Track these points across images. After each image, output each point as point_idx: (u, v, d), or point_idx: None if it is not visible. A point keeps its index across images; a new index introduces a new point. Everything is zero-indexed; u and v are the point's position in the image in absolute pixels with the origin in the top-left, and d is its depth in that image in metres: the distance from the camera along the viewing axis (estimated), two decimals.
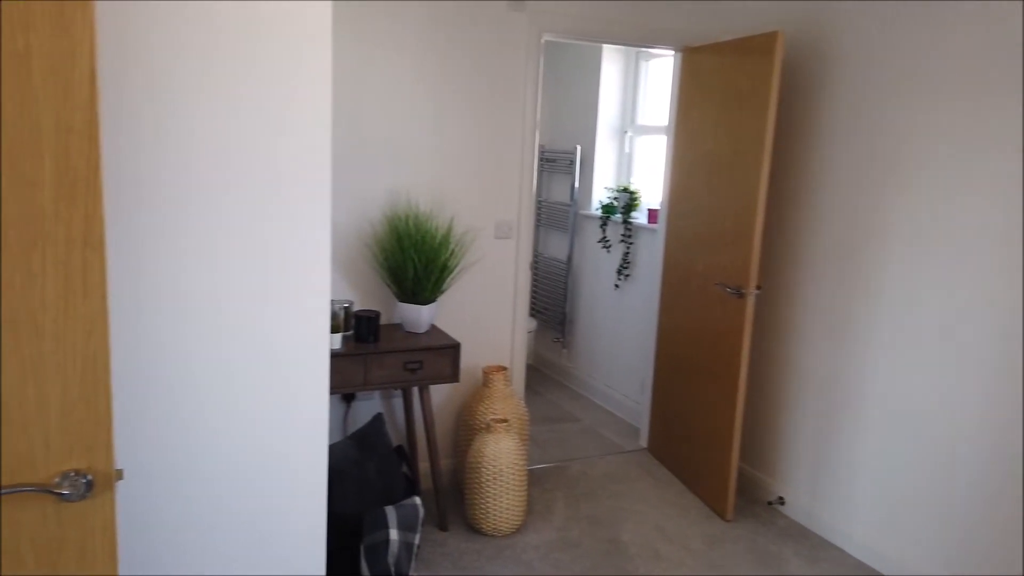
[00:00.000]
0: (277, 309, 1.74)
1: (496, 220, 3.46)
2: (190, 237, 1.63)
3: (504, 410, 3.32)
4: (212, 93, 1.60)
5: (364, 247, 3.21)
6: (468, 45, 3.25)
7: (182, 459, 1.71)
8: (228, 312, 1.69)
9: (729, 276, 3.33)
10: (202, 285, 1.66)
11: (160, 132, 1.57)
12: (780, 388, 3.51)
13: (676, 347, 3.76)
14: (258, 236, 1.70)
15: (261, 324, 1.73)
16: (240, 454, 1.77)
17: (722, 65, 3.38)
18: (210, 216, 1.64)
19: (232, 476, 1.77)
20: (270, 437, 1.80)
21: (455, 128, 3.29)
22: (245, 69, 1.62)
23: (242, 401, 1.75)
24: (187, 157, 1.60)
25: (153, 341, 1.64)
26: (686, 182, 3.67)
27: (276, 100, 1.66)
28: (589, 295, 4.87)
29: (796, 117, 3.39)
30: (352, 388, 2.90)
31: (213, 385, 1.71)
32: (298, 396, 1.81)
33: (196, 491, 1.74)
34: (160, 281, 1.62)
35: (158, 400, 1.67)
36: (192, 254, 1.64)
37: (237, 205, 1.66)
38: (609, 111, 4.67)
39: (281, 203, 1.70)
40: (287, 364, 1.78)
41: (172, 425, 1.69)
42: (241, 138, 1.64)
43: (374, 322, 2.98)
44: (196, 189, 1.62)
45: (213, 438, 1.74)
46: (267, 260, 1.71)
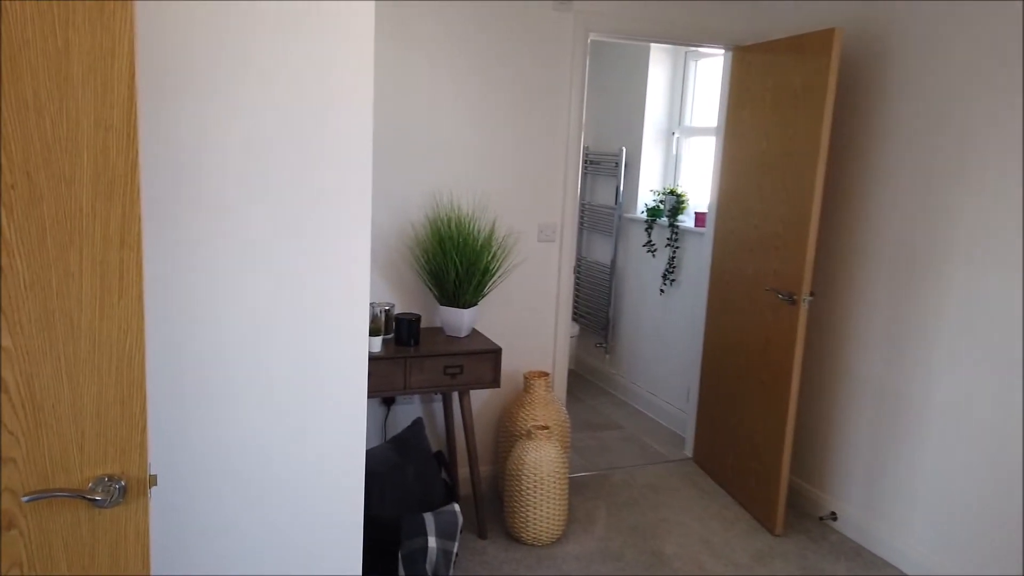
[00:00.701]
0: (316, 312, 1.71)
1: (539, 223, 3.40)
2: (228, 238, 1.61)
3: (545, 417, 3.25)
4: (252, 93, 1.58)
5: (405, 249, 3.19)
6: (512, 45, 3.20)
7: (217, 461, 1.69)
8: (266, 315, 1.67)
9: (781, 281, 3.21)
10: (240, 287, 1.64)
11: (200, 133, 1.56)
12: (833, 397, 3.37)
13: (724, 354, 3.65)
14: (298, 239, 1.67)
15: (299, 327, 1.70)
16: (277, 456, 1.74)
17: (775, 64, 3.27)
18: (249, 218, 1.62)
19: (268, 478, 1.74)
20: (307, 440, 1.76)
21: (498, 129, 3.25)
22: (286, 69, 1.60)
23: (279, 403, 1.72)
24: (226, 158, 1.58)
25: (189, 343, 1.62)
26: (736, 184, 3.56)
27: (316, 101, 1.63)
28: (633, 300, 4.77)
29: (852, 116, 3.25)
30: (391, 392, 2.87)
31: (250, 387, 1.69)
32: (336, 400, 1.77)
33: (232, 493, 1.72)
34: (197, 282, 1.60)
35: (193, 403, 1.65)
36: (230, 256, 1.62)
37: (277, 208, 1.64)
38: (656, 112, 4.57)
39: (321, 205, 1.67)
40: (325, 368, 1.75)
41: (208, 427, 1.67)
42: (281, 140, 1.62)
43: (414, 325, 2.94)
44: (235, 190, 1.60)
45: (250, 440, 1.71)
46: (306, 263, 1.68)
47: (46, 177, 1.14)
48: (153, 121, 1.52)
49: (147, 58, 1.50)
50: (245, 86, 1.57)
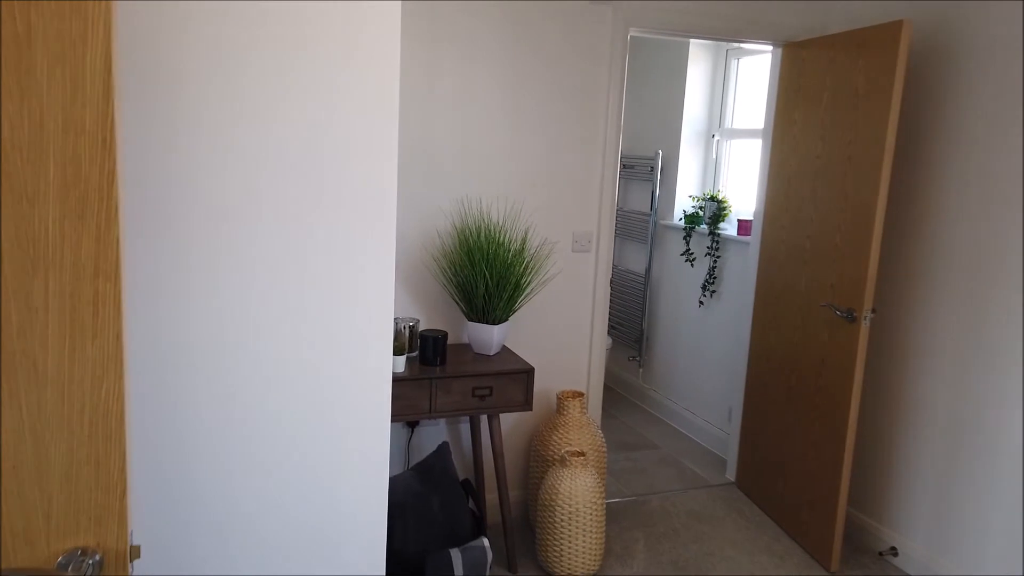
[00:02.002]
0: (332, 335, 1.50)
1: (574, 232, 3.18)
2: (231, 256, 1.40)
3: (580, 441, 3.02)
4: (264, 96, 1.37)
5: (431, 260, 2.97)
6: (547, 44, 2.98)
7: (224, 504, 1.49)
8: (274, 339, 1.46)
9: (838, 296, 2.95)
10: (245, 313, 1.43)
11: (198, 139, 1.35)
12: (894, 423, 3.10)
13: (771, 373, 3.39)
14: (314, 255, 1.46)
15: (312, 352, 1.49)
16: (292, 489, 1.54)
17: (832, 61, 3.01)
18: (255, 236, 1.41)
19: (283, 513, 1.53)
20: (325, 474, 1.55)
21: (531, 132, 3.02)
22: (303, 70, 1.39)
23: (294, 436, 1.51)
24: (232, 168, 1.38)
25: (187, 376, 1.41)
26: (786, 190, 3.30)
27: (337, 106, 1.42)
28: (669, 312, 4.52)
29: (915, 117, 2.99)
30: (416, 416, 2.65)
31: (258, 421, 1.48)
32: (356, 430, 1.56)
33: (240, 533, 1.51)
34: (194, 310, 1.40)
35: (193, 443, 1.44)
36: (233, 276, 1.41)
37: (289, 223, 1.43)
38: (695, 114, 4.32)
39: (340, 218, 1.46)
40: (343, 395, 1.54)
41: (210, 466, 1.46)
42: (298, 147, 1.41)
43: (441, 343, 2.73)
44: (238, 205, 1.39)
45: (263, 475, 1.51)
46: (323, 281, 1.47)
47: (3, 193, 0.94)
48: (142, 125, 1.31)
49: (140, 54, 1.30)
50: (255, 88, 1.36)
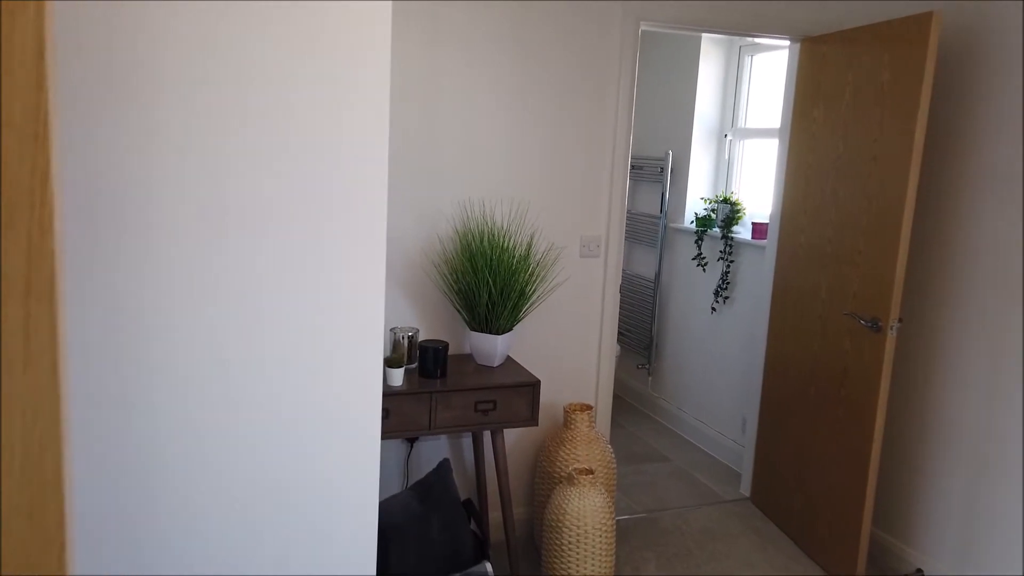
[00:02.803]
0: (311, 355, 1.35)
1: (582, 236, 3.02)
2: (203, 264, 1.25)
3: (589, 457, 2.86)
4: (239, 92, 1.22)
5: (431, 266, 2.82)
6: (553, 39, 2.82)
7: (194, 543, 1.34)
8: (243, 364, 1.31)
9: (862, 305, 2.79)
10: (219, 324, 1.28)
11: (166, 139, 1.20)
12: (920, 437, 2.94)
13: (789, 384, 3.23)
14: (294, 267, 1.31)
15: (286, 374, 1.34)
16: (272, 522, 1.38)
17: (855, 56, 2.85)
18: (220, 250, 1.26)
19: (263, 545, 1.38)
20: (303, 505, 1.40)
21: (536, 132, 2.87)
22: (281, 67, 1.24)
23: (267, 471, 1.36)
24: (198, 171, 1.23)
25: (145, 401, 1.26)
26: (805, 191, 3.14)
27: (318, 105, 1.27)
28: (680, 318, 4.36)
29: (946, 114, 2.83)
30: (415, 432, 2.50)
31: (229, 450, 1.33)
32: (341, 449, 1.41)
33: (210, 558, 1.36)
34: (151, 331, 1.25)
35: (160, 475, 1.29)
36: (206, 285, 1.26)
37: (266, 234, 1.27)
38: (706, 112, 4.16)
39: (324, 226, 1.31)
40: (332, 408, 1.39)
41: (180, 499, 1.31)
42: (277, 149, 1.26)
43: (441, 354, 2.58)
44: (209, 209, 1.24)
45: (239, 504, 1.35)
46: (308, 289, 1.32)
47: None
48: (91, 124, 1.16)
49: (95, 48, 1.15)
50: (227, 84, 1.21)
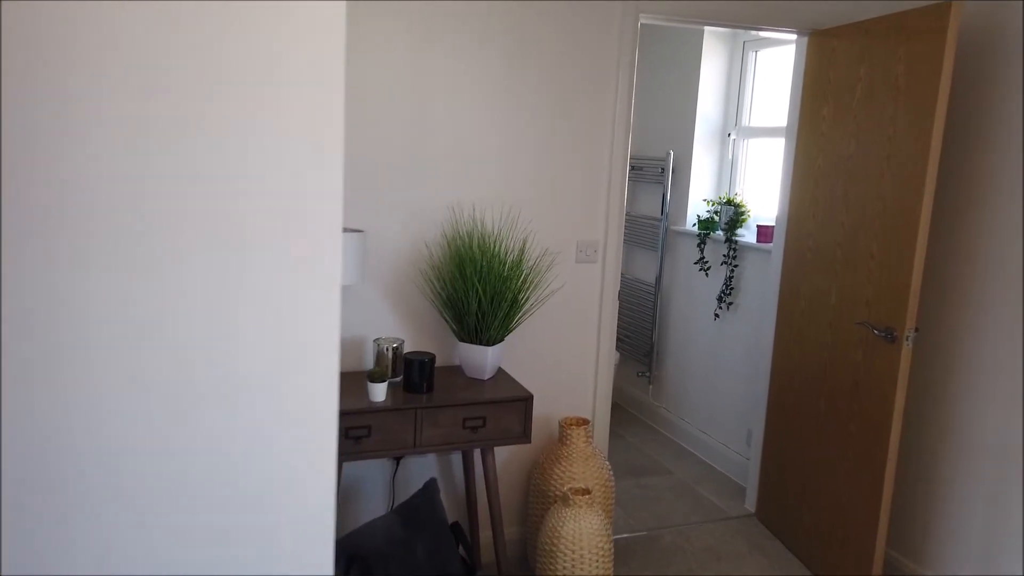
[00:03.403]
0: (266, 361, 1.19)
1: (578, 240, 2.86)
2: (134, 266, 1.09)
3: (585, 474, 2.70)
4: (183, 83, 1.06)
5: (418, 274, 2.66)
6: (547, 32, 2.66)
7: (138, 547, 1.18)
8: (173, 385, 1.15)
9: (876, 313, 2.62)
10: (160, 331, 1.12)
11: (80, 126, 1.04)
12: (937, 455, 2.77)
13: (797, 395, 3.06)
14: (235, 271, 1.15)
15: (246, 379, 1.19)
16: (219, 542, 1.23)
17: (867, 49, 2.69)
18: (172, 244, 1.10)
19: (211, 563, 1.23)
20: (242, 548, 1.25)
21: (530, 131, 2.71)
22: (227, 64, 1.08)
23: (201, 502, 1.20)
24: (132, 170, 1.07)
25: (67, 431, 1.10)
26: (814, 193, 2.97)
27: (257, 85, 1.11)
28: (682, 324, 4.19)
29: (965, 111, 2.66)
30: (399, 451, 2.34)
31: (157, 486, 1.17)
32: (287, 475, 1.26)
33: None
34: (75, 356, 1.09)
35: (76, 516, 1.14)
36: (147, 289, 1.10)
37: (201, 251, 1.12)
38: (709, 111, 4.00)
39: (257, 227, 1.15)
40: (285, 430, 1.23)
41: (100, 540, 1.15)
42: (211, 136, 1.10)
43: (427, 367, 2.42)
44: (141, 209, 1.08)
45: (166, 550, 1.20)
46: (258, 295, 1.17)
47: None
48: (32, 122, 1.01)
49: (29, 45, 0.99)
50: (162, 90, 1.06)
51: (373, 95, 2.49)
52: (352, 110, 2.48)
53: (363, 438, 2.28)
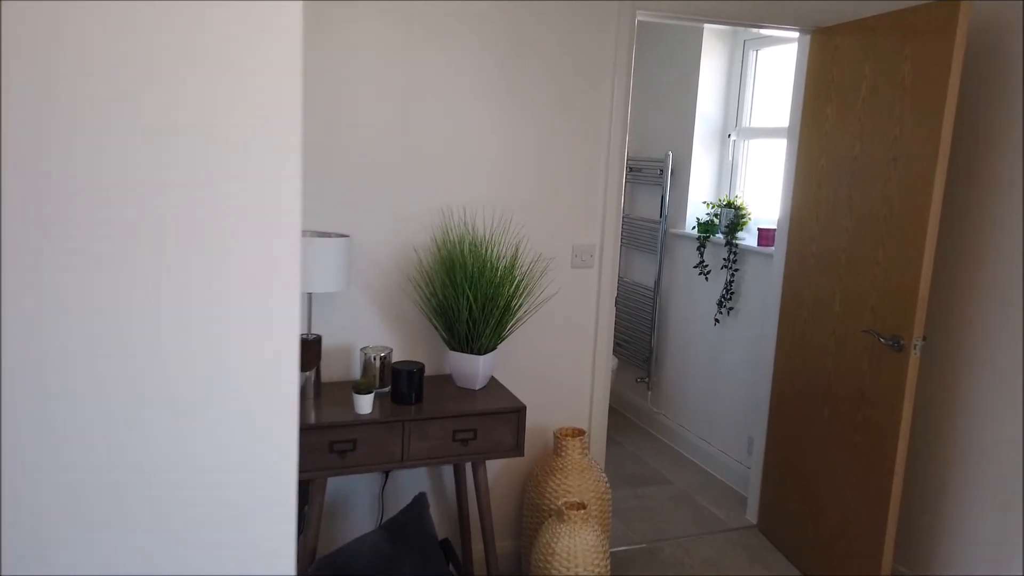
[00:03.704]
0: (218, 372, 1.10)
1: (574, 245, 2.77)
2: (79, 268, 1.00)
3: (581, 487, 2.61)
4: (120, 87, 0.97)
5: (407, 281, 2.57)
6: (541, 29, 2.57)
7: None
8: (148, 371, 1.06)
9: (881, 321, 2.53)
10: (106, 336, 1.03)
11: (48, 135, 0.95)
12: (945, 469, 2.68)
13: (800, 404, 2.97)
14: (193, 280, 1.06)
15: (196, 389, 1.10)
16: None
17: (872, 47, 2.60)
18: (109, 259, 1.01)
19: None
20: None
21: (523, 132, 2.62)
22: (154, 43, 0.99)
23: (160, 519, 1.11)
24: (85, 170, 0.98)
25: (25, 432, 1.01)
26: (817, 196, 2.88)
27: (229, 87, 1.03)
28: (681, 330, 4.10)
29: (974, 110, 2.57)
30: (386, 465, 2.25)
31: (101, 504, 1.08)
32: (231, 506, 1.17)
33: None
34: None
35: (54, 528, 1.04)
36: (96, 294, 1.01)
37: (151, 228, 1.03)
38: (709, 111, 3.91)
39: (223, 227, 1.06)
40: (236, 451, 1.14)
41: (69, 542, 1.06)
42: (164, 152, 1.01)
43: (416, 377, 2.33)
44: (94, 220, 0.99)
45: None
46: (203, 300, 1.08)
47: None
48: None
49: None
50: (116, 85, 0.96)
51: (360, 94, 2.40)
52: (338, 110, 2.39)
53: (348, 452, 2.19)
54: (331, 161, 2.41)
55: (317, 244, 2.20)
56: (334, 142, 2.40)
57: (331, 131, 2.39)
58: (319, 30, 2.32)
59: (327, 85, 2.36)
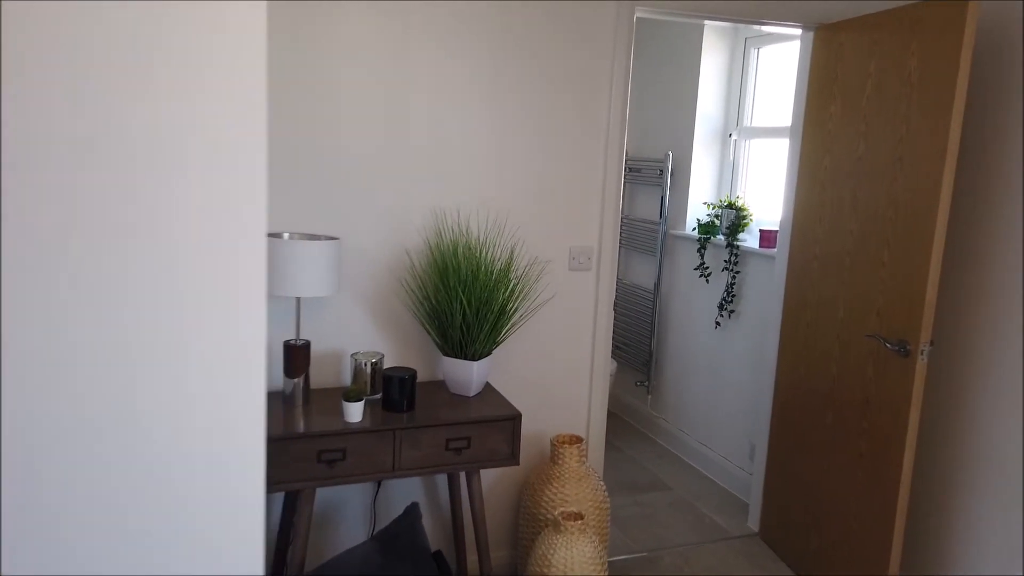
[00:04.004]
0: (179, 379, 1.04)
1: (571, 247, 2.70)
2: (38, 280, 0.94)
3: (578, 496, 2.54)
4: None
5: (399, 285, 2.50)
6: (537, 25, 2.50)
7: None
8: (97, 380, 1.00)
9: (887, 325, 2.46)
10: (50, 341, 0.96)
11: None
12: (955, 473, 2.61)
13: (803, 410, 2.90)
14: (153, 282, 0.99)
15: (155, 401, 1.03)
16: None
17: (877, 44, 2.53)
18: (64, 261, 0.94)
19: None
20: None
21: (519, 131, 2.55)
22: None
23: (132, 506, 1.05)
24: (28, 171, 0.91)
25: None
26: (820, 196, 2.81)
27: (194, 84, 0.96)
28: (682, 333, 4.03)
29: (983, 106, 2.50)
30: (375, 475, 2.18)
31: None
32: (193, 511, 1.10)
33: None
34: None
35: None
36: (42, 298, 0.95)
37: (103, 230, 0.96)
38: (710, 110, 3.84)
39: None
40: (199, 460, 1.07)
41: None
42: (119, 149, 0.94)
43: (408, 384, 2.26)
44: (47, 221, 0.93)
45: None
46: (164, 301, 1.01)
47: None
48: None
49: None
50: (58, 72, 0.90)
51: (349, 93, 2.33)
52: (328, 108, 2.32)
53: (337, 462, 2.12)
54: (321, 161, 2.34)
55: (305, 247, 2.13)
56: (324, 141, 2.33)
57: (321, 130, 2.32)
58: (310, 27, 2.26)
59: (318, 82, 2.29)
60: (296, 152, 2.30)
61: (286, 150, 2.29)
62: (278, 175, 2.30)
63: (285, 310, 2.37)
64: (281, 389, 2.39)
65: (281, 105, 2.26)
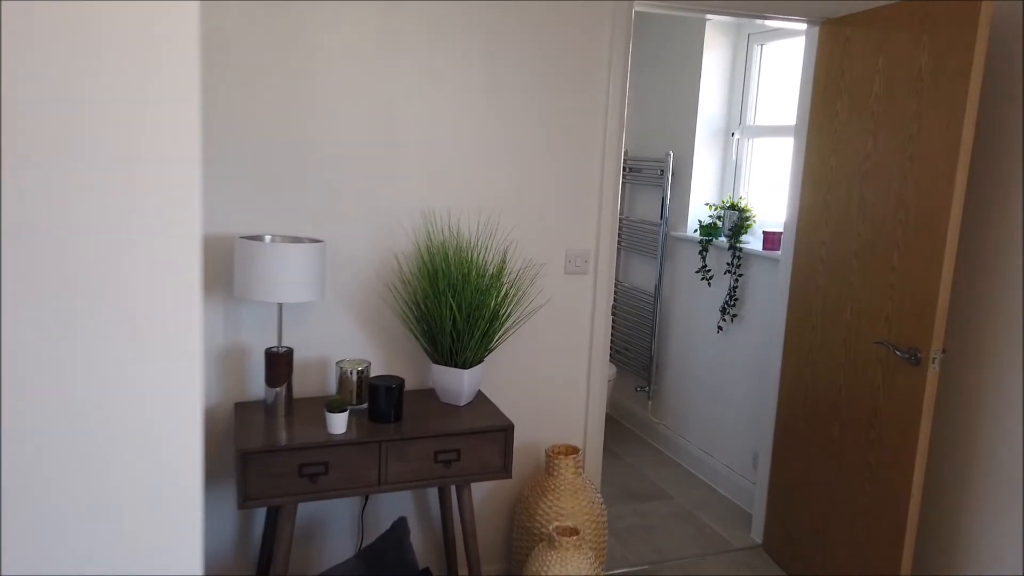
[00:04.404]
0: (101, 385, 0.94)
1: (567, 250, 2.60)
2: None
3: (574, 509, 2.44)
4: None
5: (387, 290, 2.40)
6: (532, 20, 2.40)
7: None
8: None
9: (896, 332, 2.36)
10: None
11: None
12: (966, 485, 2.50)
13: (808, 418, 2.80)
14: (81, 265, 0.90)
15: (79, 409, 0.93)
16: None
17: (886, 39, 2.43)
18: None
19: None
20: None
21: (513, 130, 2.45)
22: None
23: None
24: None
25: None
26: (826, 197, 2.71)
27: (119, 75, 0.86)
28: (683, 337, 3.93)
29: (996, 103, 2.40)
30: (360, 490, 2.08)
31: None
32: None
33: None
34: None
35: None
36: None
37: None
38: (711, 109, 3.73)
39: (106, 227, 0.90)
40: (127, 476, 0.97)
41: None
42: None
43: (395, 394, 2.16)
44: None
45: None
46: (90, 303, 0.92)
47: None
48: None
49: None
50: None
51: (334, 89, 2.23)
52: (312, 106, 2.22)
53: (320, 476, 2.02)
54: (304, 161, 2.24)
55: (287, 250, 2.03)
56: (308, 141, 2.23)
57: (304, 129, 2.22)
58: (296, 22, 2.16)
59: (303, 79, 2.19)
60: (278, 151, 2.21)
61: (267, 148, 2.19)
62: (259, 175, 2.20)
63: (267, 316, 2.27)
64: (263, 398, 2.29)
65: (262, 102, 2.17)
